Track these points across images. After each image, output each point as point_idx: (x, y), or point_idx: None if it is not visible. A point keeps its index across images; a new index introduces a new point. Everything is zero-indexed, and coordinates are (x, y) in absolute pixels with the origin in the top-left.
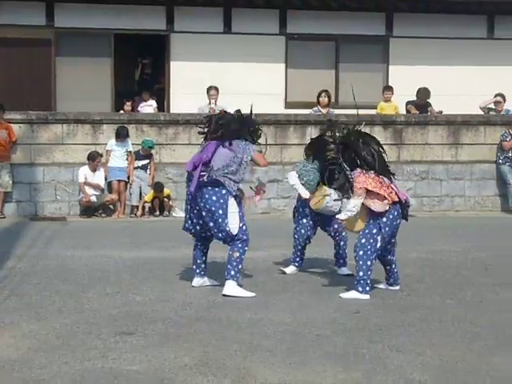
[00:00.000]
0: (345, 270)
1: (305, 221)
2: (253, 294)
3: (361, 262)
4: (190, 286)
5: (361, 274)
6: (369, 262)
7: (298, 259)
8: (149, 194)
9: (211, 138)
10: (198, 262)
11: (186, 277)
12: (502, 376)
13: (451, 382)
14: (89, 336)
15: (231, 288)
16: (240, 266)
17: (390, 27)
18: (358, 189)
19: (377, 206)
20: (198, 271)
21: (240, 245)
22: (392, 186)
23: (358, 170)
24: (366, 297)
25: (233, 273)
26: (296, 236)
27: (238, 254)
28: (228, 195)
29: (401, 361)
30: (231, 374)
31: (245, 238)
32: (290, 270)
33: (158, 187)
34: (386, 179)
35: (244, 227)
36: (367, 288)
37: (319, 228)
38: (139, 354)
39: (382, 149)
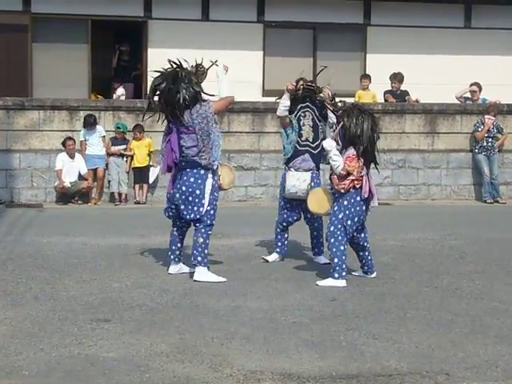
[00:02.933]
0: (322, 259)
1: (282, 203)
2: (224, 279)
3: (334, 249)
4: (167, 273)
5: (335, 260)
6: (342, 247)
7: (279, 243)
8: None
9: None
10: (173, 248)
11: (162, 264)
12: (478, 362)
13: (427, 368)
14: (65, 323)
15: (202, 274)
16: (206, 251)
17: (367, 16)
18: (346, 170)
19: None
20: (172, 257)
21: (203, 230)
22: (364, 177)
23: (351, 151)
24: (343, 283)
25: (200, 259)
26: (276, 219)
27: (202, 240)
28: (206, 175)
29: (377, 348)
30: (208, 361)
31: (208, 222)
32: (272, 257)
33: (135, 128)
34: (364, 169)
35: (212, 211)
36: (343, 273)
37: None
38: (115, 340)
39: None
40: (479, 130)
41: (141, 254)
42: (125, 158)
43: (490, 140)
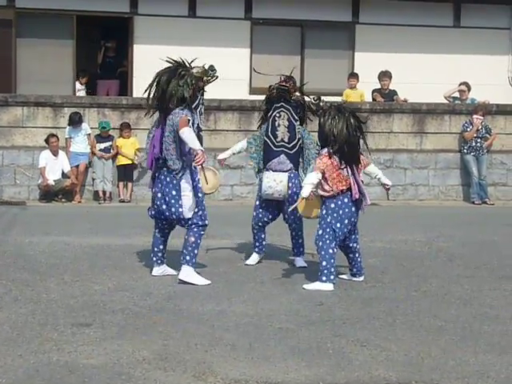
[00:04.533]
0: (298, 261)
1: (258, 203)
2: (208, 282)
3: (323, 252)
4: (151, 275)
5: (324, 263)
6: (330, 251)
7: (257, 244)
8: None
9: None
10: (155, 250)
11: (146, 265)
12: (469, 371)
13: (416, 378)
14: (45, 327)
15: (187, 273)
16: (196, 251)
17: (356, 14)
18: (318, 168)
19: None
20: (155, 259)
21: (195, 229)
22: (350, 179)
23: (325, 150)
24: (330, 287)
25: (188, 258)
26: (252, 219)
27: (193, 239)
28: (182, 175)
29: (365, 356)
30: (191, 369)
31: (200, 223)
32: (253, 259)
33: (124, 125)
34: (345, 170)
35: (200, 212)
36: (331, 277)
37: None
38: (96, 346)
39: (362, 134)
40: (468, 130)
41: (124, 254)
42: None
43: (479, 140)
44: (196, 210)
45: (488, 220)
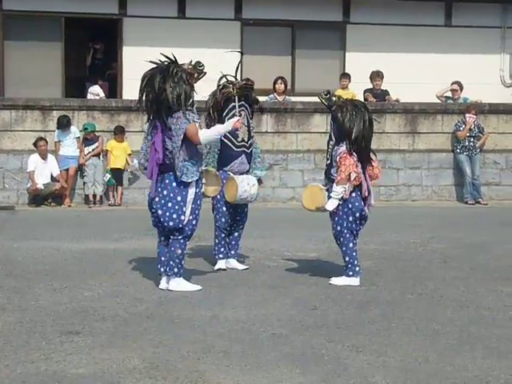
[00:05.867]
0: (238, 264)
1: (224, 209)
2: (199, 287)
3: (344, 248)
4: (142, 281)
5: (347, 258)
6: (351, 244)
7: (222, 249)
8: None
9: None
10: (163, 259)
11: (136, 270)
12: (467, 377)
13: None
14: (33, 336)
15: (177, 284)
16: (183, 262)
17: (347, 13)
18: (345, 175)
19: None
20: (162, 270)
21: (182, 241)
22: (361, 175)
23: (344, 147)
24: (357, 281)
25: (176, 270)
26: (217, 224)
27: (180, 252)
28: (189, 182)
29: (361, 362)
30: (183, 378)
31: (189, 233)
32: (220, 264)
33: (118, 130)
34: (360, 166)
35: (194, 221)
36: (357, 268)
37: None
38: (85, 355)
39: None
40: (460, 129)
41: (114, 259)
42: (101, 158)
43: (472, 140)
44: (190, 217)
45: (482, 220)
